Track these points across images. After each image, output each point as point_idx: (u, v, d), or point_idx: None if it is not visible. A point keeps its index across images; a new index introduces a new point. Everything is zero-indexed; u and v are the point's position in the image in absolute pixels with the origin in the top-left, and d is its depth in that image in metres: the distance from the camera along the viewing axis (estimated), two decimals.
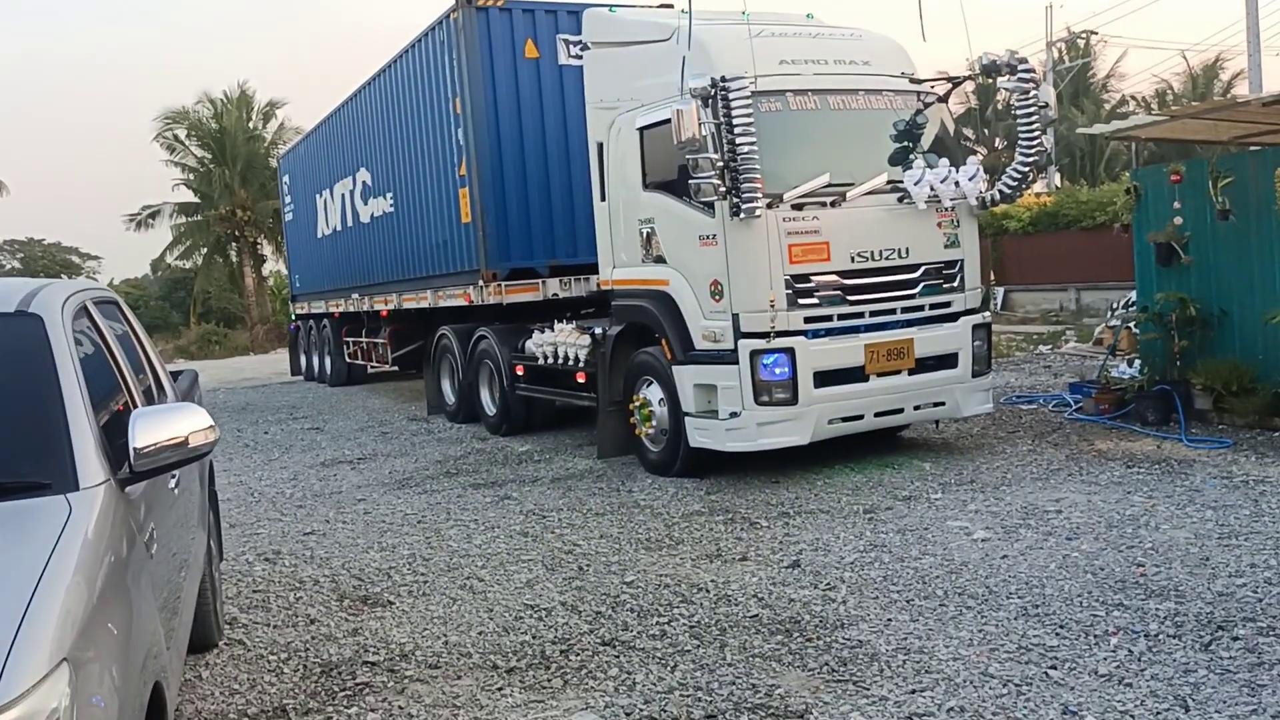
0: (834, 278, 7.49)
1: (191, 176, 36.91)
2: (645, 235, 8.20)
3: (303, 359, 19.45)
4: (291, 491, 8.80)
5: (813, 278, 7.43)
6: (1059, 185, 29.01)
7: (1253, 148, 10.11)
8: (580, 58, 9.23)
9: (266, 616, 5.42)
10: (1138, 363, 9.42)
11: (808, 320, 7.43)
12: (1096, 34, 35.34)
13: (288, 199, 19.41)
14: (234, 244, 37.25)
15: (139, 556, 2.84)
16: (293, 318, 20.24)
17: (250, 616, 5.43)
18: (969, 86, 8.47)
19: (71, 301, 3.48)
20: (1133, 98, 37.70)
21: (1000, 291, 21.84)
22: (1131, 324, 10.15)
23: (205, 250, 37.72)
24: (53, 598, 2.20)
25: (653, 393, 8.23)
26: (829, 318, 7.51)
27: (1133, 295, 10.56)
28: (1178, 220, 8.72)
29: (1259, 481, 6.58)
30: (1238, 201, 8.27)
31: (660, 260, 8.07)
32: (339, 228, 15.81)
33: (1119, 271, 15.90)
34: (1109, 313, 14.51)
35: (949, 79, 8.40)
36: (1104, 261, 18.37)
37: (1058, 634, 4.34)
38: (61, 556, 2.35)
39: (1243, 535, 5.48)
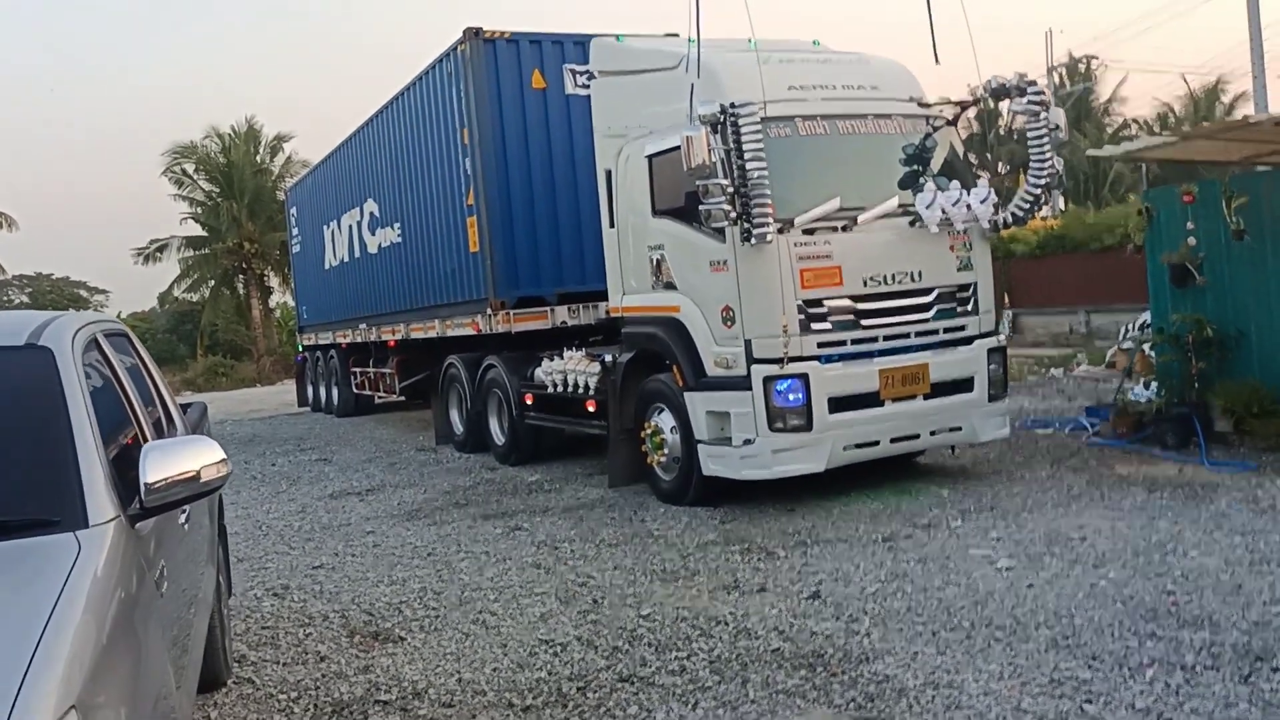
0: (847, 302, 7.43)
1: (199, 210, 37.12)
2: (655, 262, 8.15)
3: (310, 390, 19.44)
4: (300, 524, 8.70)
5: (825, 302, 7.36)
6: (1064, 208, 29.01)
7: (1260, 167, 10.07)
8: (587, 87, 9.24)
9: (276, 654, 5.32)
10: (1154, 385, 9.32)
11: (821, 345, 7.35)
12: (1097, 58, 35.55)
13: (295, 231, 19.46)
14: (241, 276, 37.36)
15: (149, 595, 2.77)
16: (300, 349, 20.24)
17: (259, 654, 5.33)
18: (972, 111, 8.52)
19: (82, 334, 3.43)
20: (1134, 121, 37.82)
21: (1010, 314, 21.75)
22: (1147, 346, 10.06)
23: (212, 283, 37.84)
24: (61, 641, 2.13)
25: (664, 420, 8.15)
26: (842, 342, 7.44)
27: (1146, 317, 10.48)
28: (1191, 241, 8.66)
29: None
30: (1252, 221, 8.20)
31: (670, 287, 8.01)
32: (346, 259, 15.83)
33: (1128, 294, 15.83)
34: (1120, 335, 14.41)
35: (957, 102, 8.36)
36: (1113, 284, 18.28)
37: (1090, 666, 4.21)
38: (70, 597, 2.28)
39: (1275, 561, 5.35)
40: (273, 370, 34.34)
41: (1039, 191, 7.88)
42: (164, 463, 2.89)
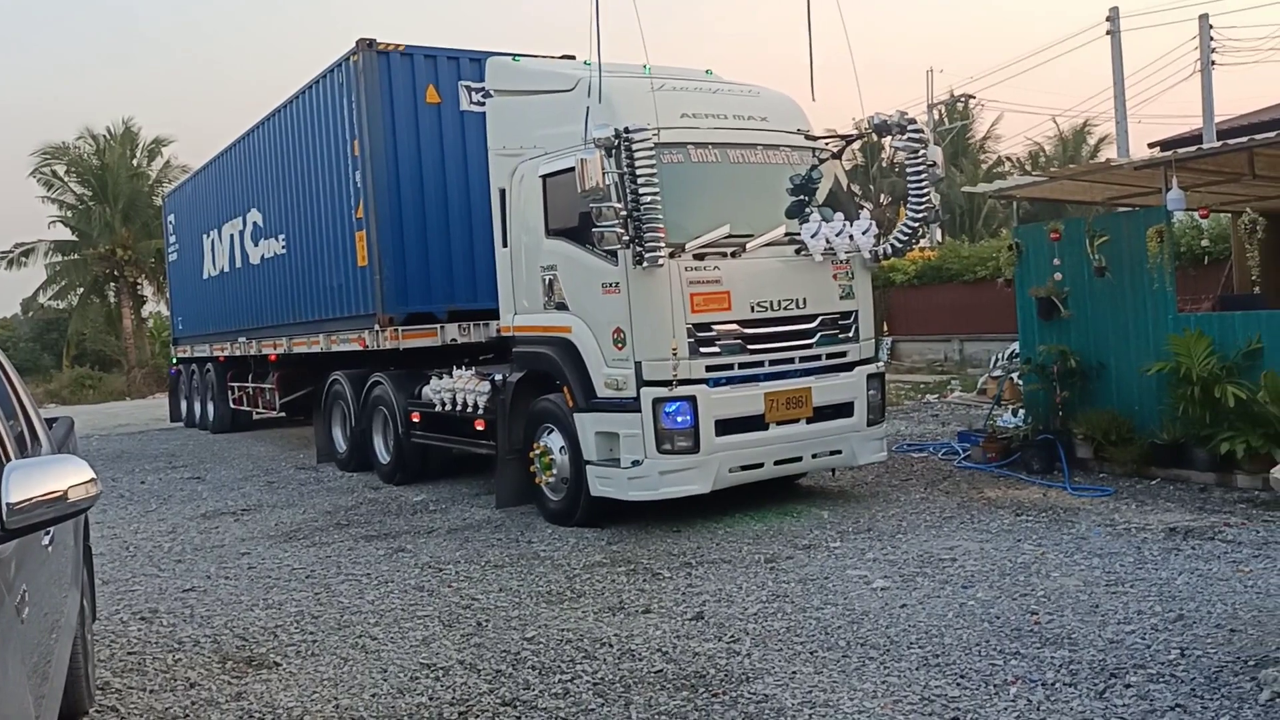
0: (735, 327, 7.57)
1: (70, 214, 35.41)
2: (547, 282, 8.15)
3: (183, 405, 18.74)
4: (170, 545, 8.36)
5: (714, 327, 7.49)
6: (940, 240, 30.20)
7: (1122, 208, 10.71)
8: (483, 104, 9.21)
9: (142, 680, 5.10)
10: (1022, 412, 9.78)
11: (709, 369, 7.47)
12: (975, 98, 37.18)
13: (172, 239, 18.76)
14: (113, 284, 35.74)
15: (8, 622, 2.62)
16: (174, 361, 19.48)
17: (124, 680, 5.11)
18: (857, 144, 8.84)
19: None
20: (1008, 158, 39.69)
21: (888, 341, 22.49)
22: (1015, 375, 10.54)
23: (81, 290, 36.09)
24: None
25: (553, 440, 8.14)
26: (730, 366, 7.58)
27: (1015, 347, 10.99)
28: (1058, 276, 9.14)
29: (1140, 529, 6.85)
30: (1113, 259, 8.71)
31: (562, 307, 8.03)
32: (226, 269, 15.32)
33: (999, 324, 16.60)
34: (992, 363, 15.06)
35: (842, 136, 8.65)
36: (985, 314, 19.13)
37: (959, 684, 4.39)
38: None
39: (1128, 582, 5.67)
40: (144, 383, 32.92)
41: (917, 225, 8.20)
42: (28, 482, 2.75)
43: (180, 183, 19.84)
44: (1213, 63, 22.18)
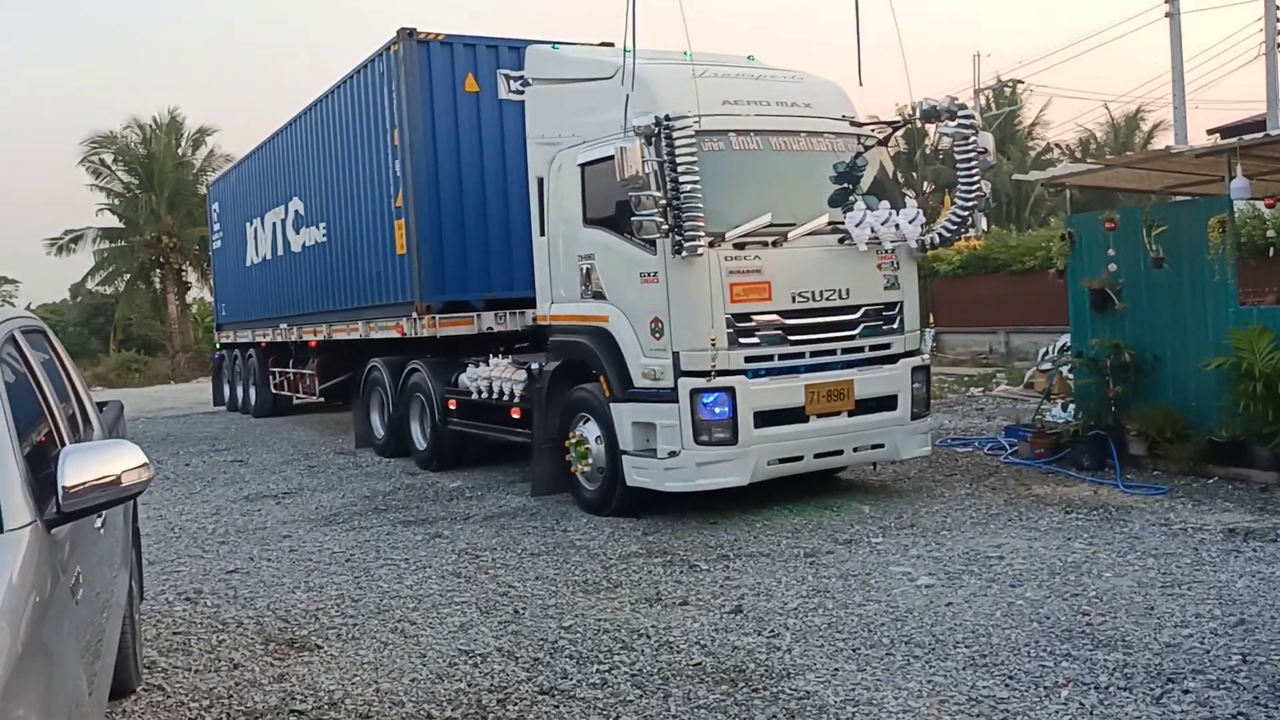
0: (775, 317, 7.45)
1: (117, 202, 36.03)
2: (585, 271, 8.08)
3: (226, 389, 18.95)
4: (214, 527, 8.43)
5: (754, 317, 7.37)
6: (987, 230, 29.72)
7: (1178, 197, 10.42)
8: (521, 93, 9.16)
9: (187, 660, 5.14)
10: (1072, 407, 9.54)
11: (748, 360, 7.35)
12: (1023, 83, 36.52)
13: (216, 226, 18.95)
14: (158, 270, 36.32)
15: (63, 602, 2.68)
16: (217, 346, 19.72)
17: (170, 660, 5.14)
18: (902, 131, 8.67)
19: None
20: (1057, 145, 39.01)
21: (932, 333, 22.17)
22: (1065, 368, 10.29)
23: (128, 276, 36.74)
24: None
25: (589, 430, 8.07)
26: (770, 357, 7.45)
27: (1065, 339, 10.73)
28: (1112, 267, 8.87)
29: (1197, 529, 6.62)
30: (1171, 250, 8.43)
31: (599, 296, 7.95)
32: (269, 257, 15.45)
33: (1048, 315, 16.25)
34: (1039, 356, 14.77)
35: (888, 123, 8.47)
36: (1033, 305, 18.74)
37: (1008, 685, 4.25)
38: None
39: (1185, 584, 5.47)
40: (188, 368, 33.45)
41: (966, 213, 8.03)
42: (83, 466, 2.80)
43: (224, 171, 20.05)
44: (1279, 45, 21.48)
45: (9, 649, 2.16)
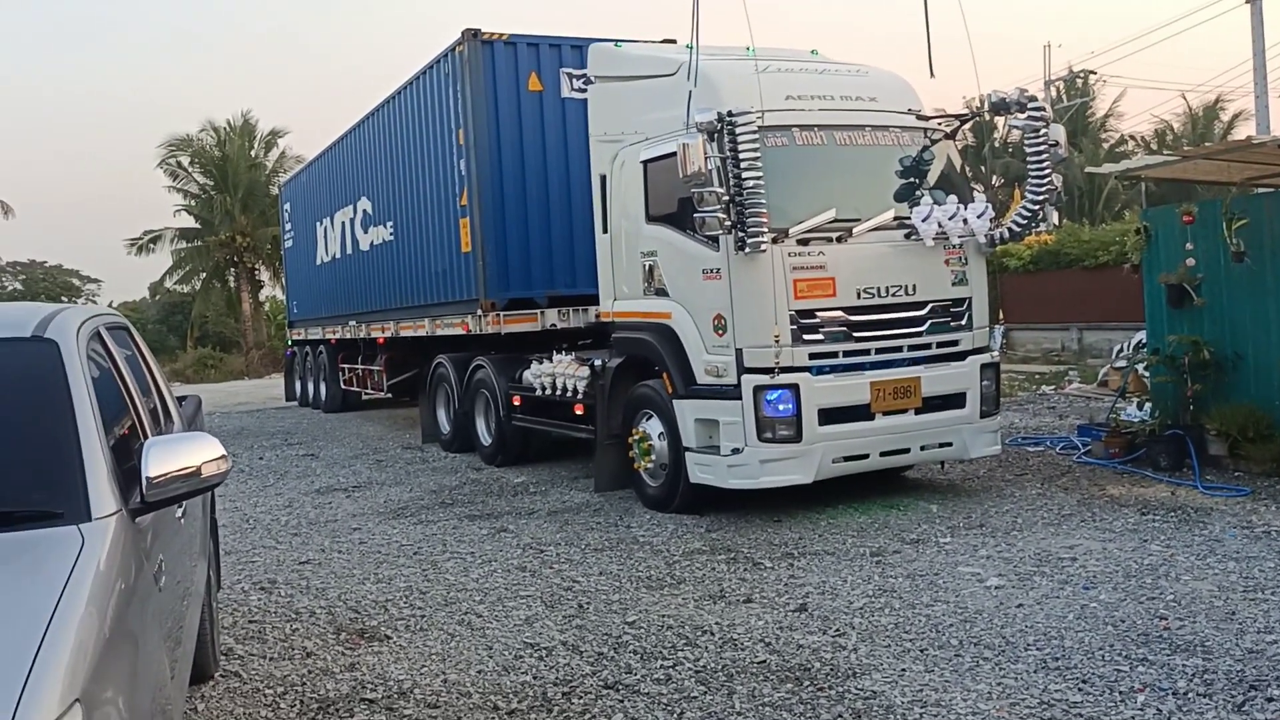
0: (840, 314, 7.37)
1: (193, 202, 37.05)
2: (648, 268, 8.09)
3: (298, 385, 19.37)
4: (287, 519, 8.63)
5: (818, 313, 7.30)
6: (1057, 224, 29.05)
7: (1261, 189, 10.05)
8: (584, 91, 9.19)
9: (263, 648, 5.26)
10: (1148, 406, 9.28)
11: (812, 357, 7.29)
12: (1095, 73, 35.62)
13: (288, 226, 19.38)
14: (232, 269, 37.24)
15: (147, 588, 2.77)
16: (289, 343, 20.15)
17: (246, 648, 5.28)
18: (969, 124, 8.50)
19: (86, 327, 3.44)
20: (1131, 137, 37.96)
21: (1002, 330, 21.75)
22: (1141, 366, 10.01)
23: (204, 275, 37.75)
24: (65, 634, 2.13)
25: (652, 426, 8.08)
26: (834, 354, 7.38)
27: (1141, 336, 10.43)
28: (1190, 261, 8.61)
29: None
30: (1253, 243, 8.14)
31: (662, 293, 7.95)
32: (338, 255, 15.75)
33: (1122, 312, 15.83)
34: (1114, 353, 14.40)
35: (955, 116, 8.32)
36: (1106, 301, 18.27)
37: (1081, 689, 4.15)
38: (74, 590, 2.28)
39: (1269, 589, 5.28)
40: (261, 364, 34.24)
41: (1037, 207, 7.84)
42: (165, 458, 2.89)
43: (295, 172, 20.48)
44: None
45: (97, 634, 2.23)
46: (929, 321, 7.67)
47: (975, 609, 5.22)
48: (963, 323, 7.85)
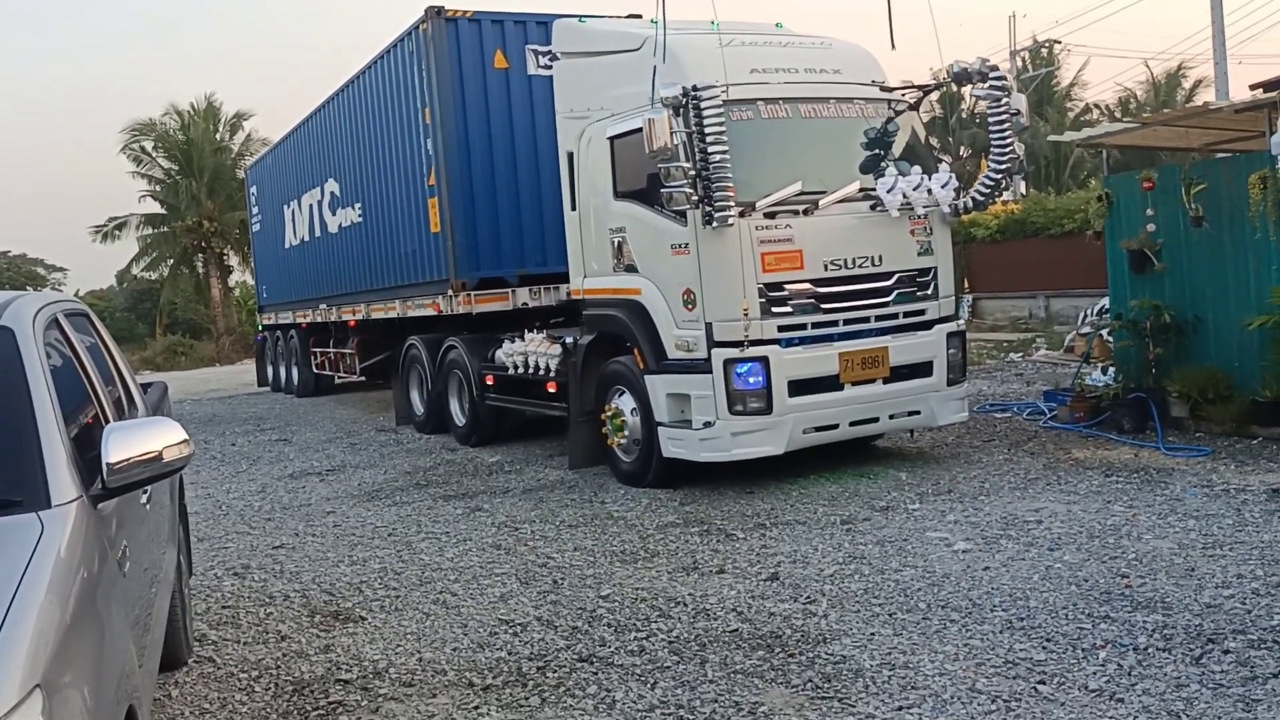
0: (807, 286, 7.43)
1: (158, 188, 36.50)
2: (616, 244, 8.10)
3: (269, 370, 19.24)
4: (260, 504, 8.62)
5: (786, 286, 7.36)
6: (1024, 193, 29.25)
7: (1220, 154, 10.19)
8: (549, 68, 9.13)
9: (236, 633, 5.28)
10: (1112, 370, 9.43)
11: (781, 329, 7.35)
12: (1060, 43, 35.78)
13: (255, 210, 19.19)
14: (200, 255, 36.83)
15: (111, 575, 2.77)
16: (259, 328, 20.00)
17: (220, 633, 5.29)
18: (934, 95, 8.56)
19: (43, 314, 3.42)
20: (1096, 106, 38.19)
21: (969, 299, 21.94)
22: (1105, 331, 10.16)
23: (171, 261, 37.29)
24: (25, 621, 2.13)
25: (625, 402, 8.12)
26: (803, 326, 7.45)
27: (1105, 302, 10.58)
28: (1150, 227, 8.73)
29: (1240, 490, 6.54)
30: (1211, 208, 8.27)
31: (632, 269, 7.98)
32: (307, 238, 15.63)
33: (1088, 279, 15.99)
34: (1079, 320, 14.58)
35: (919, 87, 8.36)
36: (1072, 269, 18.45)
37: (1045, 647, 4.26)
38: (34, 577, 2.29)
39: (1227, 545, 5.42)
40: (232, 350, 33.96)
41: (1000, 177, 7.92)
42: (126, 443, 2.89)
43: (261, 155, 20.26)
44: None
45: (58, 621, 2.23)
46: (895, 292, 7.75)
47: (943, 573, 5.32)
48: (929, 292, 7.93)
